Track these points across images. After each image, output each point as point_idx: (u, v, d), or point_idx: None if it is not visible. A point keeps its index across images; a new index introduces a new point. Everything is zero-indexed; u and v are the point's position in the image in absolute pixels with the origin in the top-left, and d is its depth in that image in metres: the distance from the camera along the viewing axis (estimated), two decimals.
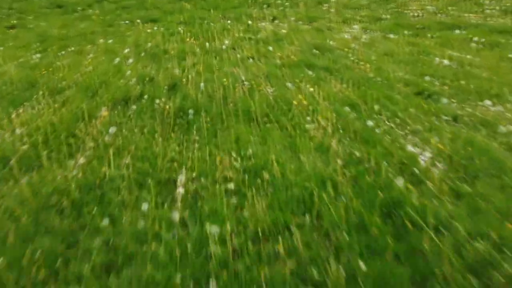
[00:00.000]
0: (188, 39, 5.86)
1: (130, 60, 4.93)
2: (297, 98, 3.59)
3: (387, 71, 4.19)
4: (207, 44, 5.50)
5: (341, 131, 3.01)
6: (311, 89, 3.80)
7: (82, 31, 6.71)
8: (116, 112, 3.50)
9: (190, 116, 3.37)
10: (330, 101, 3.53)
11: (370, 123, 3.04)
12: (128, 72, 4.46)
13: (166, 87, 4.09)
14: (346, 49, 5.01)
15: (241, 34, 5.99)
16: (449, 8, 6.75)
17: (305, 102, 3.49)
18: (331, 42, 5.28)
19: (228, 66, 4.64)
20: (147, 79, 4.24)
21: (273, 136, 2.98)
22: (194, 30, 6.39)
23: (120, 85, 4.12)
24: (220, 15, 7.30)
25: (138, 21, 7.17)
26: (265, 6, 7.76)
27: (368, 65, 4.39)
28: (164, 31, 6.46)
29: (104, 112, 3.43)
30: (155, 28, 6.72)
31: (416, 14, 6.56)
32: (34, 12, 8.62)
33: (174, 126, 3.26)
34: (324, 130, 3.02)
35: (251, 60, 4.84)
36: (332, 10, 7.02)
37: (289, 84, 3.96)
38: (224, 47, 5.38)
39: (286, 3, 7.76)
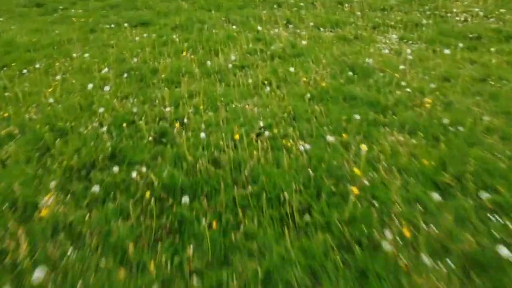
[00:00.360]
0: (184, 52, 4.38)
1: (107, 88, 3.46)
2: (349, 169, 2.18)
3: (465, 113, 2.77)
4: (208, 61, 4.02)
5: (448, 260, 1.62)
6: (364, 148, 2.39)
7: (57, 39, 5.18)
8: (67, 198, 2.08)
9: (185, 210, 1.96)
10: (402, 176, 2.13)
11: (501, 249, 1.62)
12: (101, 110, 3.01)
13: (151, 137, 2.67)
14: (391, 71, 3.57)
15: (250, 45, 4.51)
16: (501, 10, 5.25)
17: (365, 181, 2.09)
18: (368, 60, 3.82)
19: (238, 98, 3.21)
20: (124, 124, 2.80)
21: (329, 268, 1.59)
22: (192, 38, 4.90)
23: (86, 135, 2.69)
24: (223, 18, 5.77)
25: (126, 25, 5.64)
26: (275, 6, 6.23)
27: (432, 100, 2.97)
28: (155, 39, 4.96)
29: (46, 203, 2.01)
30: (145, 35, 5.20)
31: (461, 18, 5.06)
32: (9, 12, 7.04)
33: (157, 232, 1.86)
34: (416, 257, 1.63)
35: (267, 87, 3.40)
36: (358, 13, 5.50)
37: (329, 137, 2.53)
38: (230, 65, 3.91)
39: (301, 3, 6.21)
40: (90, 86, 3.52)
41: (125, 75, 3.81)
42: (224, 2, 6.58)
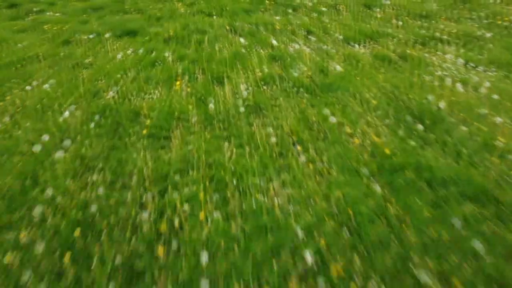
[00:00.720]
0: (178, 82, 3.05)
1: (60, 153, 2.15)
2: None
3: None
4: (210, 103, 2.69)
5: None
6: None
7: (19, 55, 3.79)
8: None
9: None
10: None
11: None
12: (38, 210, 1.72)
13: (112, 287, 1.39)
14: (479, 124, 2.27)
15: (266, 69, 3.17)
16: None
17: None
18: (439, 103, 2.50)
19: (259, 177, 1.92)
20: (68, 254, 1.51)
21: None
22: (189, 56, 3.55)
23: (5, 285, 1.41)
24: (227, 26, 4.37)
25: (108, 35, 4.25)
26: (290, 10, 4.81)
27: None
28: (142, 57, 3.62)
29: None
30: (130, 50, 3.83)
31: None
32: None
33: None
34: None
35: (301, 156, 2.09)
36: (398, 22, 4.11)
37: None
38: (241, 108, 2.59)
39: (321, 7, 4.79)
40: (37, 147, 2.21)
41: (92, 124, 2.48)
42: (228, 4, 5.15)
